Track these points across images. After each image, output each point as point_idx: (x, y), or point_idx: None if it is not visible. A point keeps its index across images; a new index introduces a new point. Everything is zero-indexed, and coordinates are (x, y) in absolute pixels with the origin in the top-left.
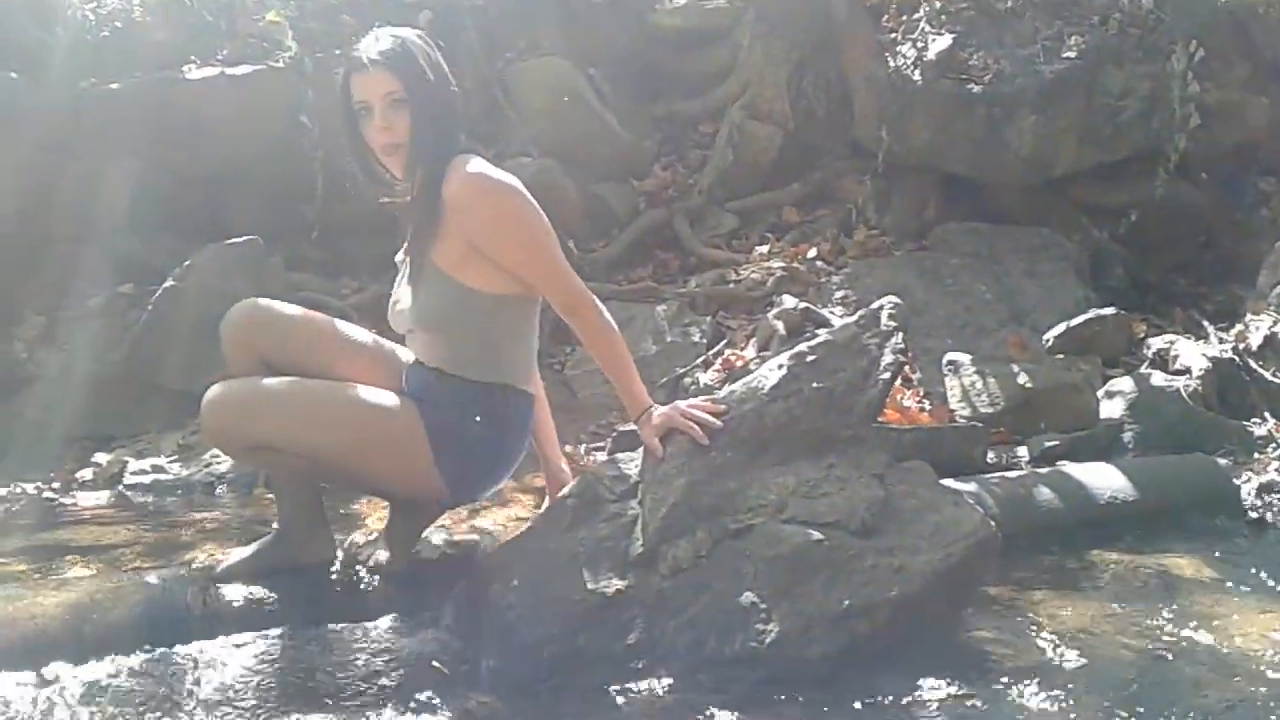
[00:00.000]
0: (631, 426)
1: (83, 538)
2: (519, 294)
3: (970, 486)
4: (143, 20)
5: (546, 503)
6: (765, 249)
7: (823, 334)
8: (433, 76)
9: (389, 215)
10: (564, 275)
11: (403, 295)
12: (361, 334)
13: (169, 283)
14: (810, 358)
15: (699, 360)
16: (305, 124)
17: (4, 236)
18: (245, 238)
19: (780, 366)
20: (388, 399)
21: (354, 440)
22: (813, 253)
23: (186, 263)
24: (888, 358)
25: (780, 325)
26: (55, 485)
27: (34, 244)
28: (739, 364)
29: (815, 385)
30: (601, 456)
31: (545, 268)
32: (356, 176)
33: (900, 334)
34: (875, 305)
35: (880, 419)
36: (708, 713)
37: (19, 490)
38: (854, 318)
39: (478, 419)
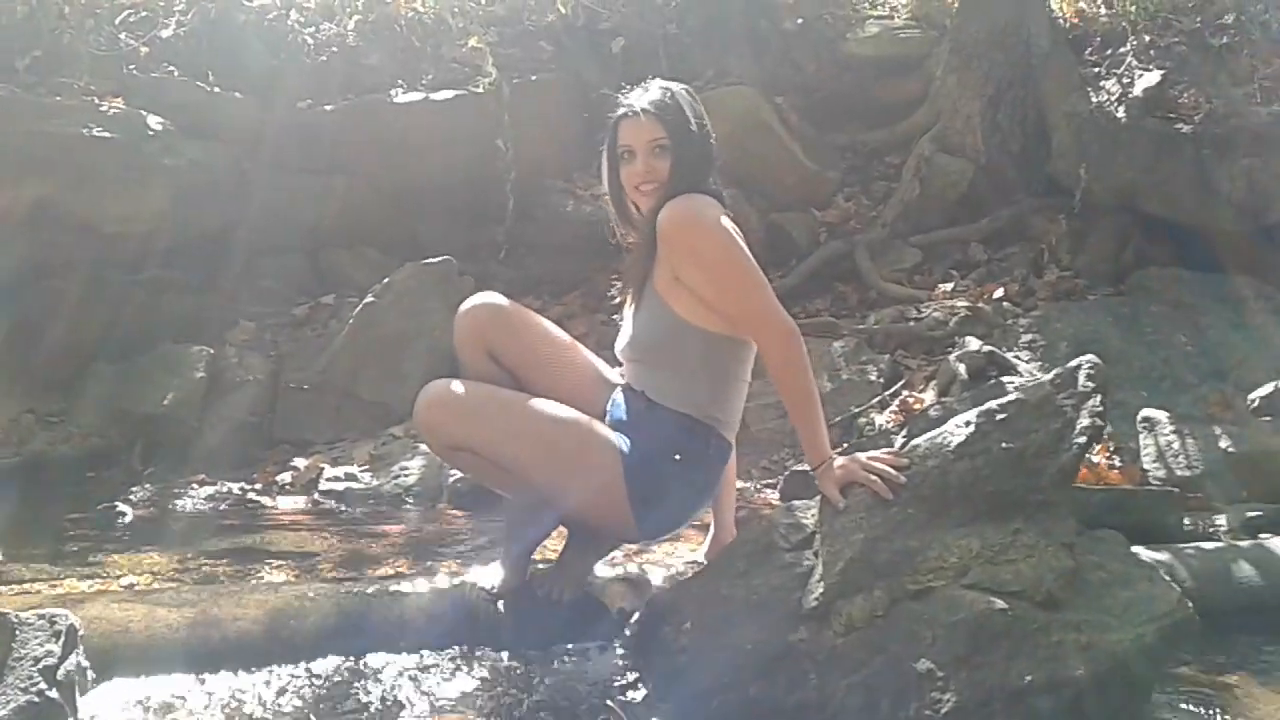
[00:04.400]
0: (804, 466)
1: (281, 543)
2: (729, 335)
3: (1163, 556)
4: (356, 45)
5: (704, 549)
6: (949, 286)
7: (1013, 392)
8: (695, 128)
9: (572, 237)
10: (760, 308)
11: (625, 323)
12: (578, 347)
13: (368, 299)
14: (1000, 415)
15: (875, 400)
16: (500, 147)
17: (218, 245)
18: (440, 258)
19: (968, 423)
20: (594, 427)
21: (551, 460)
22: (999, 293)
23: (385, 280)
24: (1084, 420)
25: (962, 368)
26: (258, 486)
27: (245, 253)
28: (917, 407)
29: (1004, 445)
30: (772, 495)
31: (737, 299)
32: (610, 215)
33: (1099, 396)
34: (1073, 364)
35: None
36: None
37: (226, 489)
38: (1049, 376)
39: (676, 457)
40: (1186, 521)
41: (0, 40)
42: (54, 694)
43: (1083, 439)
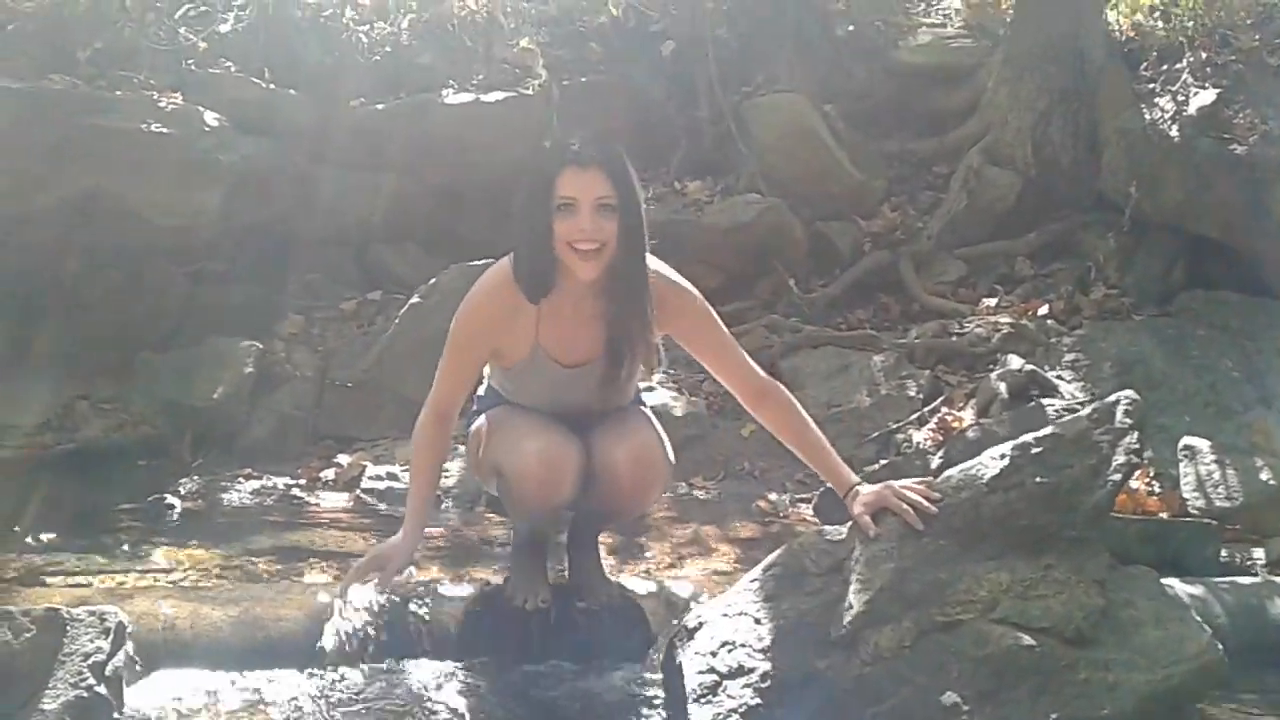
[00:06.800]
0: None
1: (323, 542)
2: None
3: (1197, 589)
4: (409, 44)
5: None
6: (993, 301)
7: (1050, 424)
8: (638, 187)
9: None
10: (751, 364)
11: (603, 386)
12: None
13: (415, 299)
14: (1035, 449)
15: (914, 416)
16: (548, 149)
17: (266, 238)
18: (485, 260)
19: (1002, 456)
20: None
21: None
22: (1044, 309)
23: (432, 280)
24: (1119, 458)
25: (1003, 387)
26: (301, 482)
27: (294, 245)
28: (956, 426)
29: (1038, 480)
30: (806, 510)
31: (738, 357)
32: (522, 261)
33: (1136, 433)
34: (1111, 399)
35: None
36: None
37: (271, 484)
38: (1086, 411)
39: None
40: (1224, 554)
41: (62, 32)
42: (102, 689)
43: (1118, 476)
